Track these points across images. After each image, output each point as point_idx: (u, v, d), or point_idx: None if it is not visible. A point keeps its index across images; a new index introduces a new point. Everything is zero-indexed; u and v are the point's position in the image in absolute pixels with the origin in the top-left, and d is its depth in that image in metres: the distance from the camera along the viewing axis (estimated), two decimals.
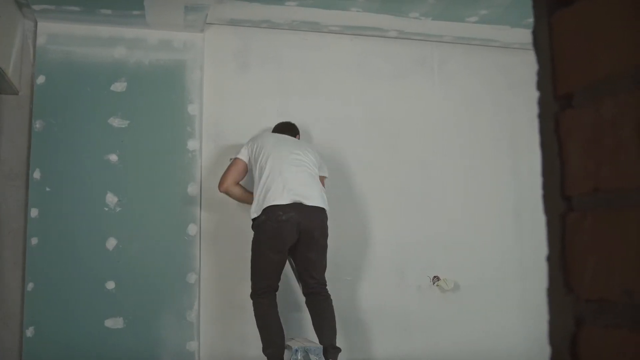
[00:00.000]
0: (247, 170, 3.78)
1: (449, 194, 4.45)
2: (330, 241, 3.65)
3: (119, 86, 4.01)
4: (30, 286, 3.76)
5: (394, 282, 4.32)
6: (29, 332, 3.73)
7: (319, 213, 3.55)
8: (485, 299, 4.36)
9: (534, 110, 0.65)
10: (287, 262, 3.69)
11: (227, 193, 3.80)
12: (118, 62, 4.03)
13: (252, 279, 3.58)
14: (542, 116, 0.62)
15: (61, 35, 3.98)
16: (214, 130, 4.18)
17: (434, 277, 4.37)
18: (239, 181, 3.80)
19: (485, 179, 4.47)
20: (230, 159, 3.88)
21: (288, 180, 3.50)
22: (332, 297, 3.64)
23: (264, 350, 3.50)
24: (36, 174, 3.84)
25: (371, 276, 4.29)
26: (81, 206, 3.88)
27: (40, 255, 3.79)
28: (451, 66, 4.58)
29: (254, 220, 3.57)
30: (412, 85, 4.50)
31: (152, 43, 4.09)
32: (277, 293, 3.60)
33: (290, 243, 3.50)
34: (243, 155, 3.73)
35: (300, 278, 3.65)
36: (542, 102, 0.62)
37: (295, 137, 3.92)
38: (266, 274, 3.52)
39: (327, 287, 3.64)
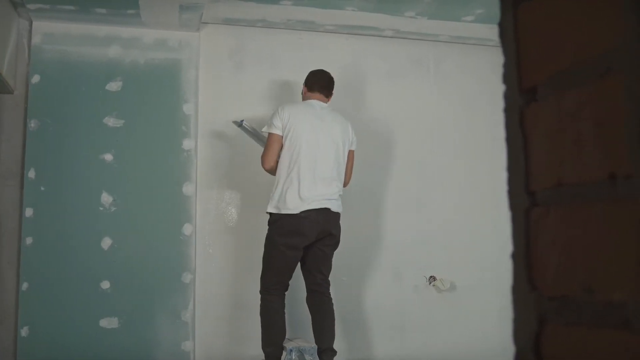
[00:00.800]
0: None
1: (445, 194, 4.44)
2: None
3: (114, 85, 4.01)
4: (24, 286, 3.75)
5: (390, 282, 4.31)
6: (24, 331, 3.72)
7: (337, 216, 3.50)
8: (481, 298, 4.35)
9: None
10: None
11: (271, 171, 3.51)
12: (113, 61, 4.02)
13: (263, 275, 3.50)
14: (507, 110, 0.61)
15: (56, 34, 3.97)
16: (210, 130, 4.17)
17: (431, 277, 4.36)
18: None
19: (481, 179, 4.46)
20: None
21: (313, 185, 3.38)
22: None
23: (264, 348, 3.48)
24: (31, 174, 3.84)
25: (367, 276, 4.28)
26: (76, 206, 3.87)
27: (35, 254, 3.79)
28: (447, 65, 4.57)
29: (271, 214, 3.45)
30: (408, 84, 4.49)
31: (148, 42, 4.08)
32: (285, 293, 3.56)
33: (309, 241, 3.42)
34: (277, 129, 3.43)
35: (308, 272, 3.56)
36: (507, 96, 0.61)
37: (330, 97, 3.66)
38: (279, 270, 3.45)
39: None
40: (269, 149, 3.46)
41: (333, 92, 3.69)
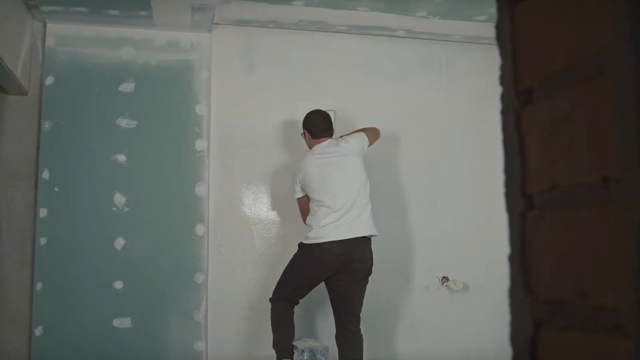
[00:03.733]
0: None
1: (456, 194, 4.42)
2: None
3: (127, 87, 4.03)
4: (38, 286, 3.78)
5: (401, 283, 4.30)
6: (38, 331, 3.75)
7: (363, 243, 3.56)
8: (493, 299, 4.32)
9: None
10: None
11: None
12: (126, 62, 4.04)
13: (279, 285, 3.61)
14: (504, 112, 0.60)
15: (69, 36, 4.00)
16: (222, 130, 4.18)
17: (443, 277, 4.34)
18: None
19: (492, 179, 4.41)
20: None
21: (338, 221, 3.51)
22: None
23: (274, 345, 3.57)
24: (45, 174, 3.87)
25: (378, 277, 4.26)
26: (89, 206, 3.90)
27: (48, 255, 3.82)
28: (459, 66, 4.55)
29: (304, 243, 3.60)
30: (420, 84, 4.47)
31: (160, 44, 4.10)
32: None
33: (331, 273, 3.53)
34: (299, 193, 3.72)
35: (337, 312, 3.62)
36: (504, 98, 0.60)
37: (332, 134, 3.79)
38: (298, 288, 3.59)
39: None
40: (301, 210, 3.77)
41: (334, 125, 3.84)
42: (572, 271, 0.51)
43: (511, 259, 0.59)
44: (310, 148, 3.75)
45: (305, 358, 3.55)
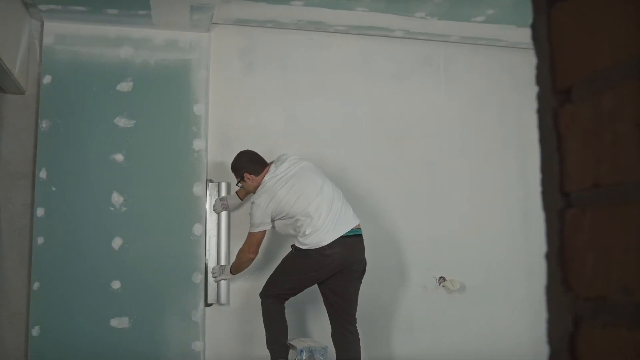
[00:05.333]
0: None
1: (455, 194, 4.43)
2: None
3: (125, 86, 4.01)
4: (36, 285, 3.76)
5: (399, 283, 4.31)
6: (35, 331, 3.73)
7: (360, 243, 3.58)
8: (491, 299, 4.34)
9: None
10: None
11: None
12: (124, 62, 4.03)
13: (271, 283, 3.63)
14: (541, 111, 0.61)
15: (68, 35, 3.99)
16: (220, 130, 4.18)
17: (440, 277, 4.35)
18: None
19: (491, 179, 4.45)
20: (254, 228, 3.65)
21: (326, 220, 3.49)
22: None
23: (268, 346, 3.59)
24: (42, 174, 3.85)
25: (376, 276, 4.27)
26: (87, 206, 3.88)
27: (46, 254, 3.80)
28: (457, 66, 4.56)
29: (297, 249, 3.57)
30: (418, 85, 4.48)
31: (158, 43, 4.09)
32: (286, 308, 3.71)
33: (330, 276, 3.53)
34: (266, 225, 3.60)
35: (334, 312, 3.62)
36: (541, 97, 0.61)
37: (269, 164, 3.75)
38: (292, 288, 3.61)
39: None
40: (249, 243, 3.68)
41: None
42: (615, 268, 0.51)
43: (548, 256, 0.60)
44: (257, 186, 3.68)
45: (304, 358, 3.55)
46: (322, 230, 3.47)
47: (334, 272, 3.50)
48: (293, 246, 3.62)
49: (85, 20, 3.92)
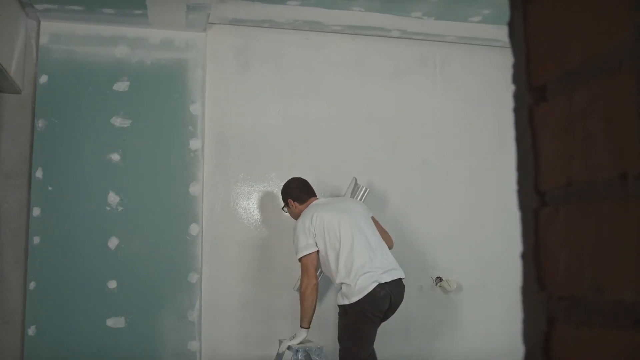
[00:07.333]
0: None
1: (450, 194, 4.43)
2: None
3: (121, 85, 4.01)
4: (32, 285, 3.76)
5: None
6: (31, 331, 3.73)
7: (403, 287, 3.50)
8: (488, 300, 4.34)
9: None
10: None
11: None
12: (120, 61, 4.03)
13: (351, 351, 3.41)
14: (517, 109, 0.60)
15: (64, 34, 3.98)
16: (216, 130, 4.18)
17: (437, 277, 4.35)
18: None
19: (487, 179, 4.45)
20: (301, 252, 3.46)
21: (374, 260, 3.36)
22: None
23: None
24: (38, 173, 3.85)
25: None
26: (83, 205, 3.88)
27: (42, 254, 3.80)
28: (453, 66, 4.56)
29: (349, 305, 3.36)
30: (414, 85, 4.48)
31: (154, 42, 4.08)
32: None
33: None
34: (312, 247, 3.41)
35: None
36: (517, 95, 0.60)
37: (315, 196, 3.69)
38: (367, 346, 3.46)
39: None
40: (307, 270, 3.43)
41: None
42: (588, 266, 0.51)
43: (524, 255, 0.59)
44: (299, 214, 3.59)
45: (300, 358, 3.55)
46: (366, 275, 3.31)
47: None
48: (341, 306, 3.42)
49: (81, 19, 3.92)
